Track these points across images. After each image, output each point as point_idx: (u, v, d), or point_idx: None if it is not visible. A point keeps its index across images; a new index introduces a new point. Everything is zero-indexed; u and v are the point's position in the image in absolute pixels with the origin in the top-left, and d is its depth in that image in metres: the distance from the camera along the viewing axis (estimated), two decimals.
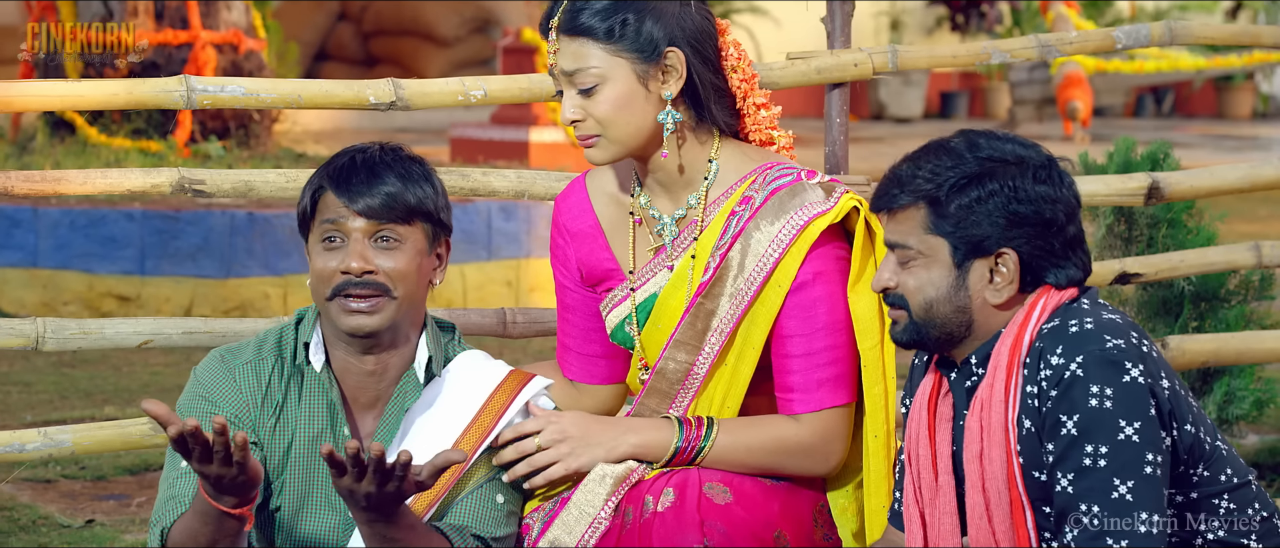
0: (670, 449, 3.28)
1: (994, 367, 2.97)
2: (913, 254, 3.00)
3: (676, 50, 3.26)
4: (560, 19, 3.27)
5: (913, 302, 3.01)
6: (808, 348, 3.27)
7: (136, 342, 4.01)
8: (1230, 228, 6.70)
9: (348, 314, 3.17)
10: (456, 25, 20.17)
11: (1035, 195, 2.96)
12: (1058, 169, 3.02)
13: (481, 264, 9.09)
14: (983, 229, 2.96)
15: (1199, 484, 2.96)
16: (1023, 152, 3.01)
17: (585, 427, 3.29)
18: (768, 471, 3.29)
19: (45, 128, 10.34)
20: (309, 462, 3.24)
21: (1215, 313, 5.29)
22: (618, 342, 3.44)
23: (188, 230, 8.55)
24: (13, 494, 5.35)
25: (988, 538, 2.98)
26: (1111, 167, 5.28)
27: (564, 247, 3.48)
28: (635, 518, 3.21)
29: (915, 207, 3.00)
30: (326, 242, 3.19)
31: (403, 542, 3.04)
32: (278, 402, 3.25)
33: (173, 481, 3.18)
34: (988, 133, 3.06)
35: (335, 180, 3.19)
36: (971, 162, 2.99)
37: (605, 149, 3.29)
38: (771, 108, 3.43)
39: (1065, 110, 12.52)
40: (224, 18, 10.40)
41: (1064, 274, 2.98)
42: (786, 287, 3.26)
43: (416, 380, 3.27)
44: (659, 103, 3.28)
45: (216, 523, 3.03)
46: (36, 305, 8.58)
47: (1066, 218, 2.99)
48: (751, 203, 3.30)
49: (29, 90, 4.06)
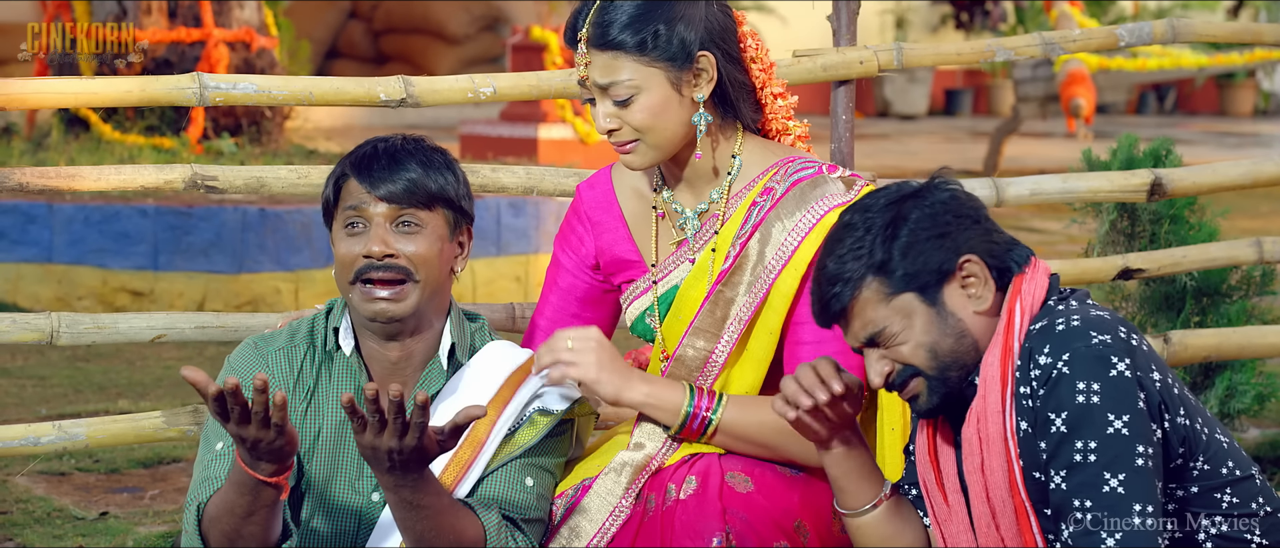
0: (680, 413, 3.29)
1: (987, 378, 2.97)
2: (892, 331, 2.99)
3: (708, 54, 3.28)
4: (589, 32, 3.27)
5: (919, 363, 3.00)
6: (819, 336, 3.28)
7: (150, 336, 4.02)
8: (1232, 224, 6.72)
9: (370, 301, 3.19)
10: (466, 23, 20.20)
11: (946, 202, 3.00)
12: (934, 180, 3.05)
13: (491, 260, 9.12)
14: (932, 257, 2.97)
15: (1199, 478, 2.95)
16: (899, 186, 3.05)
17: (613, 355, 3.30)
18: (773, 451, 3.30)
19: (60, 125, 10.37)
20: (336, 446, 3.26)
21: (1217, 308, 5.30)
22: (638, 333, 3.47)
23: (200, 226, 8.57)
24: (27, 487, 5.38)
25: (996, 544, 2.99)
26: (1114, 163, 5.27)
27: (583, 233, 3.50)
28: (658, 505, 3.23)
29: (866, 288, 2.99)
30: (349, 227, 3.21)
31: (431, 510, 3.03)
32: (309, 387, 3.27)
33: (208, 463, 3.20)
34: (857, 201, 3.07)
35: (357, 167, 3.22)
36: (876, 217, 3.00)
37: (644, 155, 3.32)
38: (788, 97, 3.45)
39: (1069, 107, 12.50)
40: (236, 16, 10.44)
41: (1018, 253, 3.01)
42: (803, 272, 3.29)
43: (441, 368, 3.28)
44: (692, 105, 3.31)
45: (253, 493, 3.03)
46: (51, 300, 8.60)
47: (976, 205, 3.03)
48: (773, 194, 3.34)
49: (44, 87, 4.06)
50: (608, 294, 3.53)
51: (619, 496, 3.27)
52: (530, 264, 9.33)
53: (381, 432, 2.93)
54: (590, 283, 3.51)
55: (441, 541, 3.06)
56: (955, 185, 3.05)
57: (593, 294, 3.52)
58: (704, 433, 3.30)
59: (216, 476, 3.16)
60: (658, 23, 3.25)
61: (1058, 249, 10.73)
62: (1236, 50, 14.73)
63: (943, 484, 3.08)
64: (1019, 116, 14.54)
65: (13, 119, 10.76)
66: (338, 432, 3.27)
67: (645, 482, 3.29)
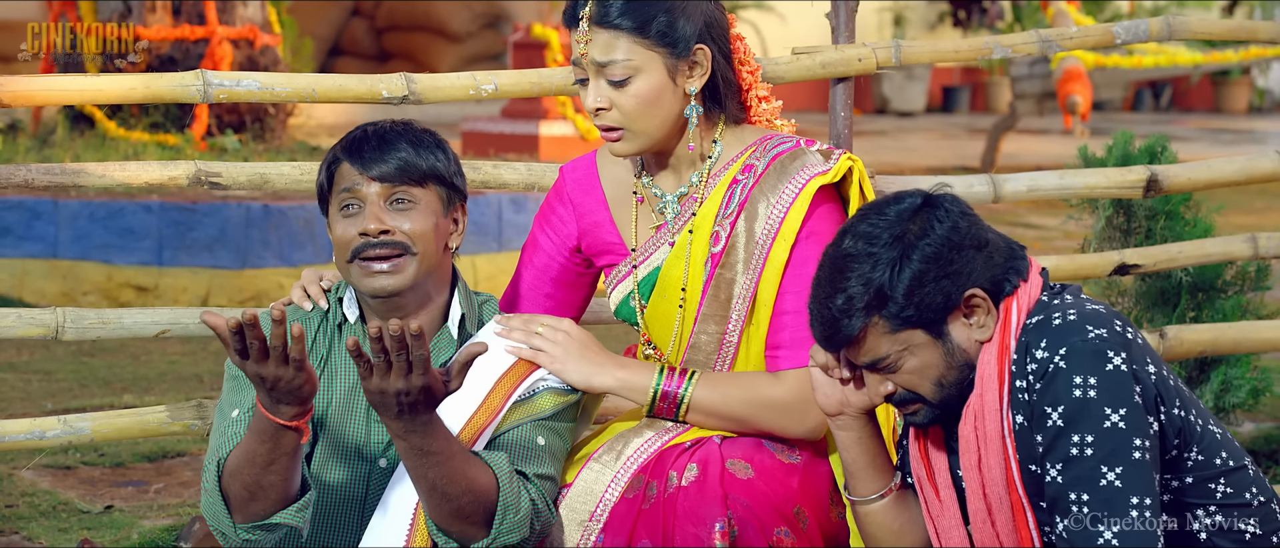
0: (649, 391, 3.34)
1: (984, 375, 2.98)
2: (897, 358, 3.00)
3: (704, 47, 3.33)
4: (592, 10, 3.31)
5: (923, 391, 3.01)
6: (799, 305, 3.29)
7: (154, 331, 4.04)
8: (1227, 220, 6.70)
9: (369, 276, 3.24)
10: (468, 21, 20.22)
11: (948, 236, 2.97)
12: (933, 200, 3.01)
13: (492, 255, 9.15)
14: (937, 295, 2.96)
15: (1194, 468, 2.96)
16: (899, 209, 3.00)
17: (584, 343, 3.35)
18: (745, 424, 3.33)
19: (65, 122, 10.39)
20: (345, 414, 3.30)
21: (1212, 303, 5.31)
22: (621, 317, 3.51)
23: (204, 222, 8.60)
24: (33, 480, 5.40)
25: (991, 539, 3.01)
26: (1110, 160, 5.28)
27: (565, 215, 3.54)
28: (660, 492, 3.25)
29: (872, 326, 2.98)
30: (345, 210, 3.26)
31: (441, 455, 3.06)
32: (322, 355, 3.32)
33: (224, 427, 3.23)
34: (858, 223, 3.02)
35: (349, 151, 3.27)
36: (881, 253, 2.97)
37: (630, 142, 3.36)
38: (772, 101, 3.49)
39: (1065, 105, 12.52)
40: (240, 14, 10.46)
41: (1017, 265, 3.00)
42: (791, 241, 3.32)
43: (450, 336, 3.33)
44: (684, 97, 3.35)
45: (273, 440, 3.05)
46: (56, 295, 8.62)
47: (977, 228, 3.00)
48: (753, 170, 3.37)
49: (49, 84, 4.05)
50: (582, 277, 3.57)
51: (605, 485, 3.30)
52: None
53: (388, 373, 2.96)
54: (565, 264, 3.55)
55: (454, 487, 3.08)
56: (955, 211, 3.00)
57: (567, 276, 3.55)
58: (678, 410, 3.34)
59: (235, 434, 3.18)
60: (660, 8, 3.30)
61: (1054, 245, 10.75)
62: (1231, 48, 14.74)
63: (934, 480, 3.09)
64: (1016, 113, 14.55)
65: (19, 116, 10.77)
66: (346, 399, 3.30)
67: (645, 466, 3.31)
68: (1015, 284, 3.01)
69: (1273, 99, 25.25)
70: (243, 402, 3.23)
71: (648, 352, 3.49)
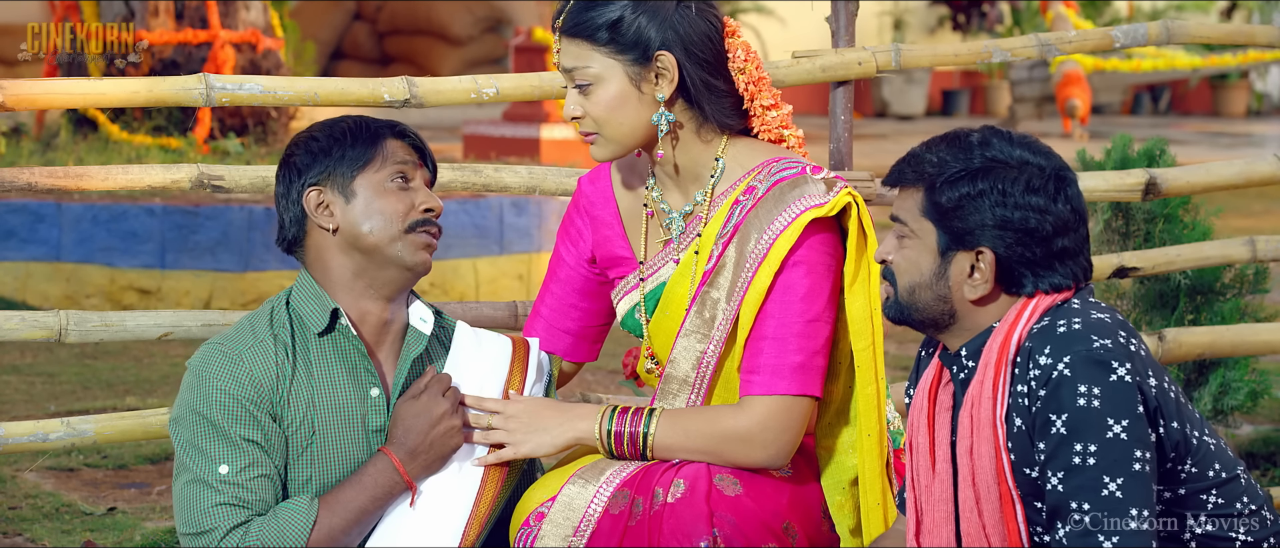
0: (601, 434, 3.32)
1: (984, 363, 2.98)
2: (908, 232, 3.03)
3: (668, 54, 3.31)
4: (563, 20, 3.34)
5: (900, 282, 3.05)
6: (779, 332, 3.28)
7: (157, 334, 4.04)
8: (1225, 223, 6.71)
9: (423, 248, 3.29)
10: (469, 24, 20.25)
11: (1024, 203, 2.96)
12: (1061, 182, 2.99)
13: (494, 258, 9.16)
14: (968, 224, 2.97)
15: (1187, 480, 2.96)
16: (1030, 157, 3.00)
17: (535, 413, 3.34)
18: (710, 457, 3.29)
19: (68, 125, 10.40)
20: (339, 429, 3.28)
21: (1211, 306, 5.32)
22: (627, 328, 3.50)
23: (207, 225, 8.61)
24: (36, 482, 5.41)
25: (978, 531, 2.99)
26: (1109, 163, 5.28)
27: (582, 227, 3.55)
28: (645, 509, 3.23)
29: (916, 188, 3.03)
30: (398, 181, 3.29)
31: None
32: (288, 375, 3.28)
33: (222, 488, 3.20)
34: (1009, 134, 3.05)
35: (402, 134, 3.34)
36: (975, 158, 2.99)
37: (603, 147, 3.37)
38: (781, 107, 3.44)
39: (1064, 108, 12.56)
40: (242, 17, 10.48)
41: (1047, 282, 2.99)
42: (775, 269, 3.29)
43: (418, 334, 3.34)
44: (653, 104, 3.34)
45: (387, 497, 3.27)
46: (60, 298, 8.64)
47: (1055, 230, 2.98)
48: (755, 193, 3.35)
49: (53, 88, 4.04)
50: (604, 287, 3.56)
51: (586, 502, 3.27)
52: (532, 263, 9.37)
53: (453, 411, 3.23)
54: (587, 276, 3.55)
55: None
56: (1061, 195, 2.99)
57: (590, 287, 3.56)
58: (644, 449, 3.31)
59: (263, 500, 3.19)
60: (622, 15, 3.31)
61: None
62: (1230, 52, 14.78)
63: (934, 452, 3.07)
64: (1015, 117, 14.59)
65: (22, 119, 10.78)
66: (344, 406, 3.28)
67: (630, 481, 3.28)
68: (1040, 290, 3.00)
69: (1271, 103, 25.28)
70: (234, 460, 3.21)
71: (649, 365, 3.49)
